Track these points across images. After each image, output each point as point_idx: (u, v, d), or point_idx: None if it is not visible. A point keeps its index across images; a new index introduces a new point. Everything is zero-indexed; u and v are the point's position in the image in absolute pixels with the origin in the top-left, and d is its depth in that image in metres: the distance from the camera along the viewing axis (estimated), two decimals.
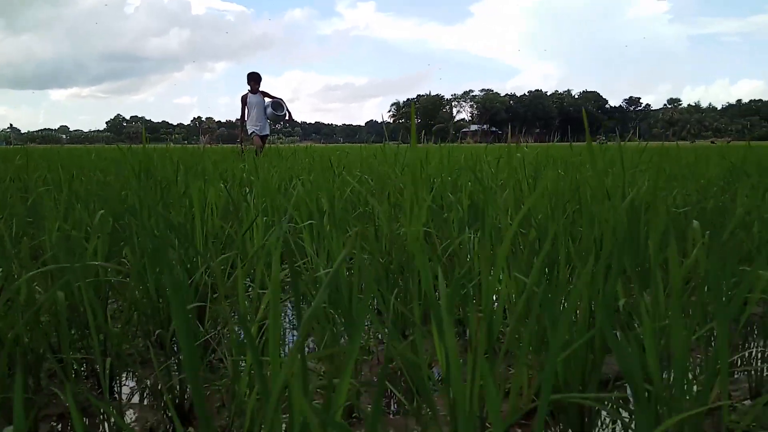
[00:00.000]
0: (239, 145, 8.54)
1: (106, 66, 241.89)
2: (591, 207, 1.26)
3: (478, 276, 1.55)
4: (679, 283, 0.77)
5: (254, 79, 8.54)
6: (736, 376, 1.63)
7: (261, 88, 8.59)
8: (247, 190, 2.53)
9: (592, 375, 0.94)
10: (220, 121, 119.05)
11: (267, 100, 8.54)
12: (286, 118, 8.61)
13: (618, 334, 1.05)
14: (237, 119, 8.85)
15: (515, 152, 1.94)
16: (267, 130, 8.64)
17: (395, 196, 2.28)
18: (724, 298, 0.93)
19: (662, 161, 3.59)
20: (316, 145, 10.12)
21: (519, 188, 2.26)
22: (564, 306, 1.00)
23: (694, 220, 1.46)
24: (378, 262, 1.81)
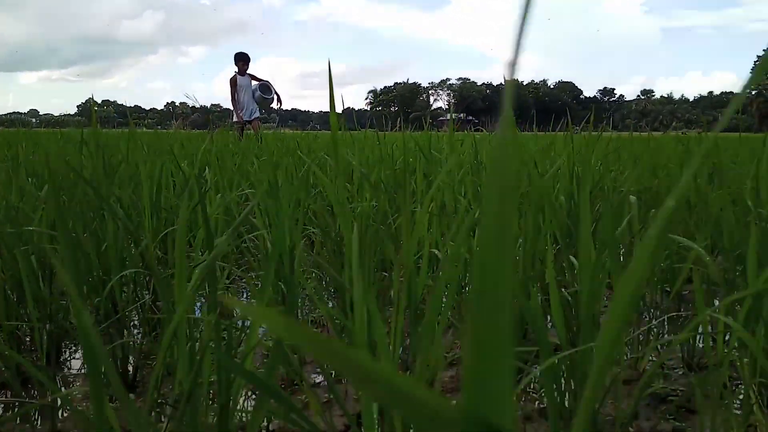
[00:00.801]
0: (236, 131, 7.53)
1: (77, 49, 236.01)
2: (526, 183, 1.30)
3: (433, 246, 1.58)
4: (588, 246, 0.80)
5: (243, 59, 7.78)
6: (676, 346, 1.69)
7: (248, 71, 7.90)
8: (206, 168, 2.53)
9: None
10: (194, 107, 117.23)
11: (254, 83, 7.84)
12: (274, 102, 7.94)
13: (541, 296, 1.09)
14: (212, 105, 8.34)
15: (453, 136, 1.97)
16: (257, 114, 7.89)
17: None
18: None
19: (621, 147, 3.66)
20: (288, 131, 9.59)
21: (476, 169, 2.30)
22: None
23: (631, 195, 1.51)
24: (330, 238, 1.83)
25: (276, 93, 7.89)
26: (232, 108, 7.82)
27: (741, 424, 0.94)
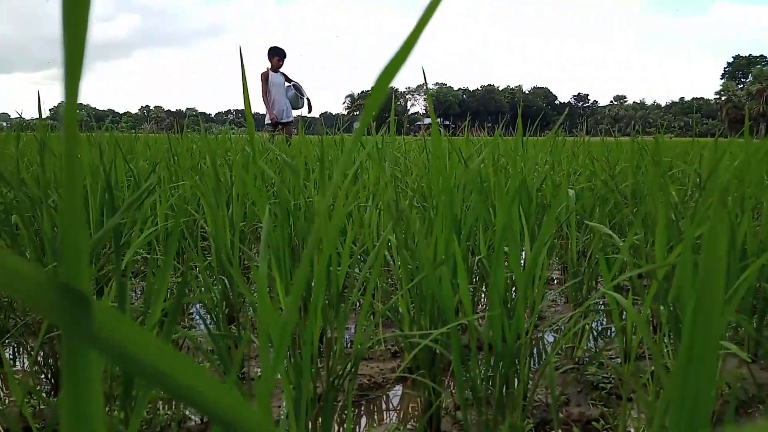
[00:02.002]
0: (267, 133, 6.55)
1: (51, 51, 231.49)
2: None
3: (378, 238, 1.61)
4: (500, 229, 0.83)
5: (278, 54, 6.91)
6: (612, 336, 1.74)
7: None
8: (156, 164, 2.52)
9: (439, 319, 1.00)
10: (169, 110, 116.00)
11: (286, 83, 6.97)
12: (304, 106, 7.00)
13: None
14: (188, 108, 7.66)
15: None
16: (291, 116, 6.97)
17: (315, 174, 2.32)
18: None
19: (580, 149, 3.74)
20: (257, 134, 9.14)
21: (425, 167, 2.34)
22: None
23: (570, 189, 1.54)
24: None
25: (307, 97, 7.01)
26: (264, 107, 6.88)
27: (652, 406, 0.97)
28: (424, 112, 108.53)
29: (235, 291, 1.38)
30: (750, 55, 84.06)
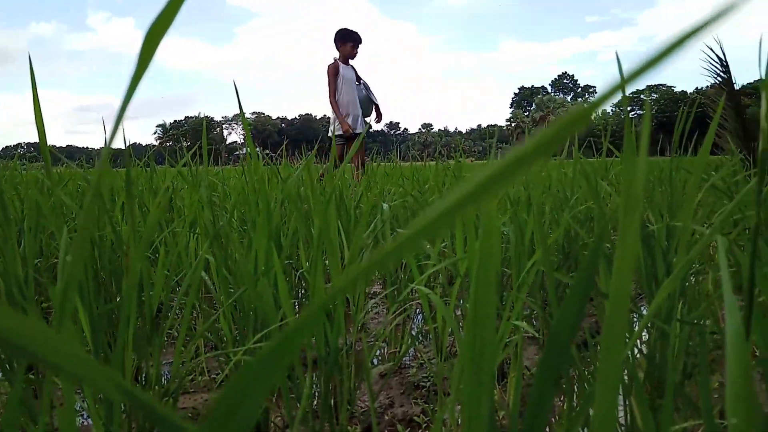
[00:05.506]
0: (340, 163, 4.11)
1: None
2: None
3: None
4: (317, 234, 0.86)
5: (352, 39, 4.75)
6: (429, 337, 1.86)
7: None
8: None
9: (264, 337, 0.99)
10: None
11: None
12: (372, 114, 5.06)
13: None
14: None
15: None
16: (363, 125, 4.77)
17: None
18: None
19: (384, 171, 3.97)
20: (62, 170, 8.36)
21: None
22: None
23: (384, 204, 1.63)
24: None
25: (376, 103, 5.04)
26: (332, 112, 4.77)
27: None
28: (242, 141, 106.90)
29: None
30: (532, 86, 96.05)
